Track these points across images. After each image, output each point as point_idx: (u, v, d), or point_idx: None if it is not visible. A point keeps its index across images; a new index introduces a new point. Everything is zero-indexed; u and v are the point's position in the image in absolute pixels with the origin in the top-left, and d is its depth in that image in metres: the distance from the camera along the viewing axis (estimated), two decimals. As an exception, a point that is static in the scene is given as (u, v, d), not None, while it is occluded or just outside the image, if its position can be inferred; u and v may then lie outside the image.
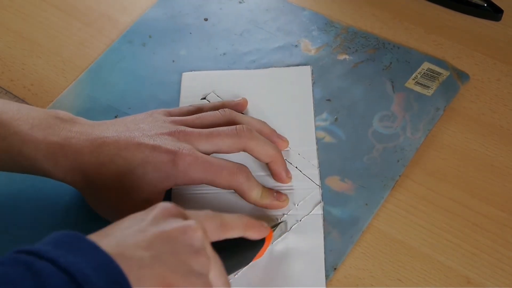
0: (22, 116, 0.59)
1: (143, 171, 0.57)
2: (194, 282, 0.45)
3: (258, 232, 0.55)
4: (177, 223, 0.47)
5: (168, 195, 0.62)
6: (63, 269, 0.40)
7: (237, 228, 0.53)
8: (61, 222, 0.62)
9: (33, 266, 0.40)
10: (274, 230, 0.58)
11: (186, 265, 0.46)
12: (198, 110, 0.65)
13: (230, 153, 0.60)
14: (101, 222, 0.61)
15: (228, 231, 0.53)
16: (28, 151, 0.58)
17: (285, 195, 0.61)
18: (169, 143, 0.58)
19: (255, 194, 0.60)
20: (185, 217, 0.49)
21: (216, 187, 0.59)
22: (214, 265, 0.48)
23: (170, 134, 0.59)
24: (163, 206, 0.49)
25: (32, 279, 0.39)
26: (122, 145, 0.58)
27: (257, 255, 0.57)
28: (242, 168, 0.59)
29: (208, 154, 0.60)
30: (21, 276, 0.40)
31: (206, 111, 0.64)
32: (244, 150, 0.61)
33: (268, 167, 0.62)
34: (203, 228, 0.48)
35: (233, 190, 0.60)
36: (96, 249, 0.42)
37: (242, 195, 0.60)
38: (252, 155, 0.61)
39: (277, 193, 0.61)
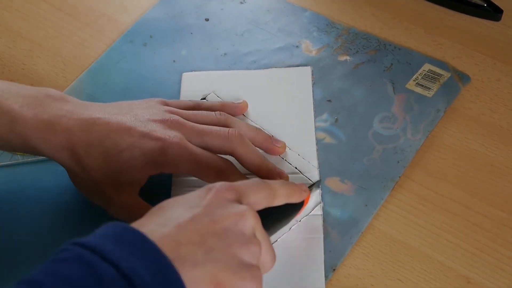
0: (12, 95, 0.59)
1: (130, 155, 0.57)
2: (244, 276, 0.47)
3: (299, 197, 0.58)
4: (229, 211, 0.49)
5: (167, 190, 0.62)
6: (124, 275, 0.42)
7: (283, 196, 0.56)
8: (61, 222, 0.62)
9: (96, 268, 0.42)
10: (311, 190, 0.61)
11: (236, 259, 0.47)
12: (197, 106, 0.65)
13: (218, 154, 0.60)
14: (101, 222, 0.61)
15: (275, 200, 0.55)
16: (18, 129, 0.58)
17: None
18: (159, 130, 0.58)
19: None
20: (238, 197, 0.51)
21: (203, 180, 0.59)
22: (263, 246, 0.50)
23: (162, 121, 0.59)
24: (218, 189, 0.50)
25: (93, 285, 0.41)
26: (112, 128, 0.58)
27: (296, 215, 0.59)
28: (227, 163, 0.59)
29: None
30: (83, 279, 0.41)
31: (205, 109, 0.64)
32: (231, 155, 0.60)
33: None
34: (254, 213, 0.50)
35: None
36: (156, 253, 0.44)
37: None
38: (238, 162, 0.61)
39: None
